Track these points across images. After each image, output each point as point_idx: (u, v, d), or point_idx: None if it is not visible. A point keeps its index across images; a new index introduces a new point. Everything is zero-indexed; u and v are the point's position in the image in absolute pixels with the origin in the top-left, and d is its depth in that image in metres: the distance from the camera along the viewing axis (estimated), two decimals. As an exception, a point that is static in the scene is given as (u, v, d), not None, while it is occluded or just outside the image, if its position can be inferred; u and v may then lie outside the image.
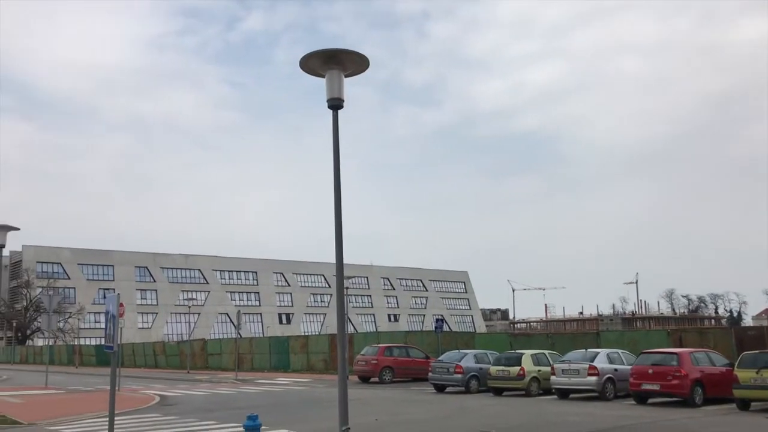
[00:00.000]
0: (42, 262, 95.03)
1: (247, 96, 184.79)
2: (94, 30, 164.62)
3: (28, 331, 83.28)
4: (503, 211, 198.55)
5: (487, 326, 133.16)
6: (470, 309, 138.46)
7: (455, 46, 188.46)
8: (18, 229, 19.16)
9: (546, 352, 24.40)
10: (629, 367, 19.99)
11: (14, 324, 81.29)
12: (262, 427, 7.09)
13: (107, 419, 9.23)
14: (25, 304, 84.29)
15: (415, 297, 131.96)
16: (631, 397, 19.61)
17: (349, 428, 6.53)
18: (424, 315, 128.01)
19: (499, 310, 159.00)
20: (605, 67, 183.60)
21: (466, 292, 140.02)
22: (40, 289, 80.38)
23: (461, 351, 26.56)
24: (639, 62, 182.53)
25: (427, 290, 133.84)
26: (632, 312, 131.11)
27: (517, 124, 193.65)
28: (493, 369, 23.31)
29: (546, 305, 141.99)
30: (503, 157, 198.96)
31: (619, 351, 22.38)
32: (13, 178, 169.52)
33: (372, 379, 29.74)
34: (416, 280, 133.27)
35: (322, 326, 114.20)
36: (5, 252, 19.83)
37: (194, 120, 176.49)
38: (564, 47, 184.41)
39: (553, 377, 21.39)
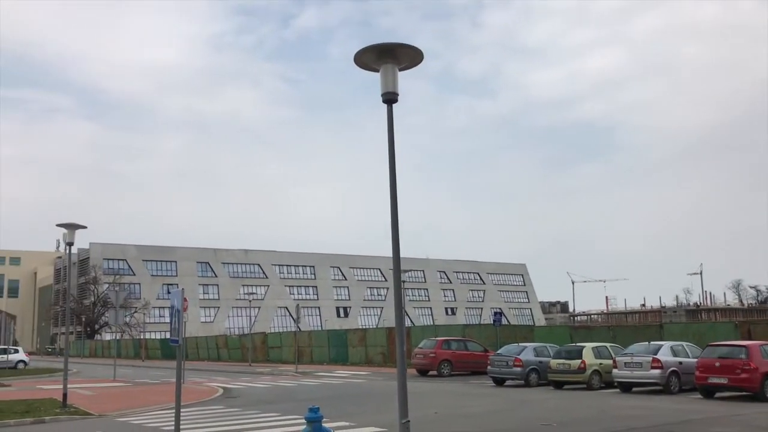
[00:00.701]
0: (108, 259, 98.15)
1: (303, 92, 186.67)
2: (154, 31, 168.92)
3: (96, 326, 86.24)
4: (561, 201, 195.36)
5: (546, 319, 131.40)
6: (529, 302, 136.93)
7: (510, 35, 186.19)
8: (85, 227, 19.77)
9: (607, 344, 23.97)
10: (694, 360, 19.45)
11: (83, 319, 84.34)
12: (323, 420, 7.17)
13: (174, 411, 9.49)
14: (93, 299, 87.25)
15: (472, 290, 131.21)
16: (697, 391, 19.09)
17: (408, 421, 6.55)
18: (481, 308, 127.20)
19: (558, 302, 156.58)
20: (665, 53, 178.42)
21: (524, 285, 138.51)
22: (107, 285, 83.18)
23: (520, 344, 26.34)
24: (700, 47, 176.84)
25: (484, 283, 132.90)
26: (697, 303, 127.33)
27: (575, 112, 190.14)
28: (554, 362, 23.02)
29: (607, 297, 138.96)
30: (561, 146, 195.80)
31: (684, 343, 21.80)
32: (80, 178, 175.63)
33: (430, 373, 29.75)
34: (473, 273, 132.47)
35: (379, 320, 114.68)
36: (73, 249, 20.52)
37: (252, 117, 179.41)
38: (622, 33, 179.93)
39: (615, 370, 21.00)
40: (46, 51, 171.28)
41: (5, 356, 46.77)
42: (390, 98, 7.32)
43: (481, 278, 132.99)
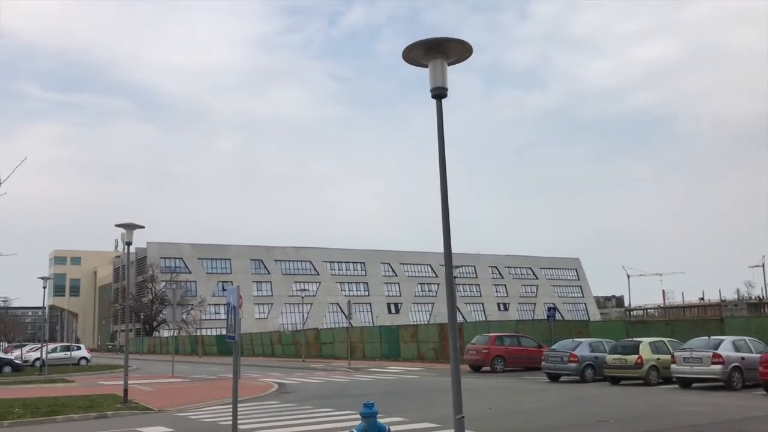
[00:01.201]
0: (165, 258, 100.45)
1: (351, 89, 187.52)
2: (207, 33, 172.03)
3: (155, 323, 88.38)
4: (615, 193, 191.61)
5: (601, 314, 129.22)
6: (583, 296, 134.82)
7: (559, 25, 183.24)
8: (143, 227, 20.27)
9: (665, 339, 23.46)
10: (758, 355, 18.85)
11: (142, 316, 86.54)
12: (378, 415, 7.21)
13: (230, 406, 9.67)
14: (150, 297, 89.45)
15: (525, 285, 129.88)
16: (761, 387, 18.49)
17: (463, 417, 6.52)
18: (534, 303, 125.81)
19: (613, 297, 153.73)
20: (718, 40, 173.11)
21: (578, 279, 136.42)
22: (164, 283, 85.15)
23: (575, 339, 25.99)
24: (754, 32, 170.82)
25: (537, 278, 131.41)
26: (759, 297, 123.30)
27: (628, 103, 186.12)
28: (610, 357, 22.64)
29: (664, 291, 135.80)
30: (613, 137, 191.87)
31: (746, 338, 21.16)
32: (136, 179, 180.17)
33: (483, 369, 29.59)
34: (526, 268, 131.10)
35: (430, 315, 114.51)
36: (131, 249, 21.07)
37: (301, 116, 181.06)
38: (674, 21, 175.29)
39: (673, 366, 20.52)
40: (102, 55, 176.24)
41: (68, 353, 48.34)
42: (439, 93, 7.28)
43: (533, 273, 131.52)
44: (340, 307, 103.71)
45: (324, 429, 13.02)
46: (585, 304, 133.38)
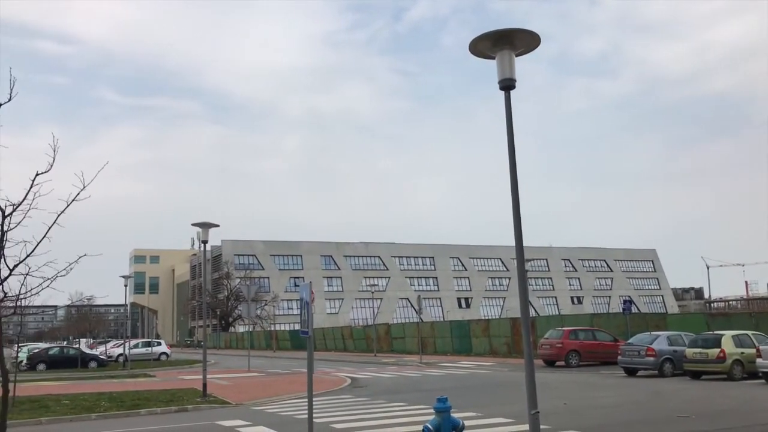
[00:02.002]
0: (239, 255, 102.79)
1: (416, 84, 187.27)
2: (273, 34, 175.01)
3: (230, 319, 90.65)
4: (693, 182, 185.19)
5: (679, 306, 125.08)
6: (660, 289, 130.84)
7: (630, 10, 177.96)
8: (218, 225, 20.82)
9: (749, 332, 22.52)
10: None
11: (218, 312, 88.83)
12: (451, 410, 7.20)
13: (305, 400, 9.84)
14: (226, 293, 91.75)
15: (599, 278, 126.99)
16: None
17: (538, 412, 6.44)
18: (609, 296, 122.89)
19: (692, 288, 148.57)
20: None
21: (654, 271, 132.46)
22: (239, 280, 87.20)
23: (653, 333, 25.29)
24: None
25: (611, 270, 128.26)
26: None
27: (705, 87, 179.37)
28: (689, 351, 21.91)
29: (746, 282, 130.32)
30: (691, 124, 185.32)
31: (838, 331, 20.12)
32: (209, 178, 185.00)
33: (557, 363, 29.13)
34: (600, 260, 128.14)
35: (501, 310, 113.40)
36: (207, 247, 21.67)
37: (367, 111, 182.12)
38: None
39: (759, 360, 19.68)
40: (175, 59, 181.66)
41: (149, 349, 50.12)
42: (507, 85, 7.20)
43: (608, 265, 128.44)
44: (409, 302, 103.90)
45: (398, 423, 13.08)
46: (662, 296, 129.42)
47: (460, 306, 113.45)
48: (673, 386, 19.48)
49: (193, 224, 20.91)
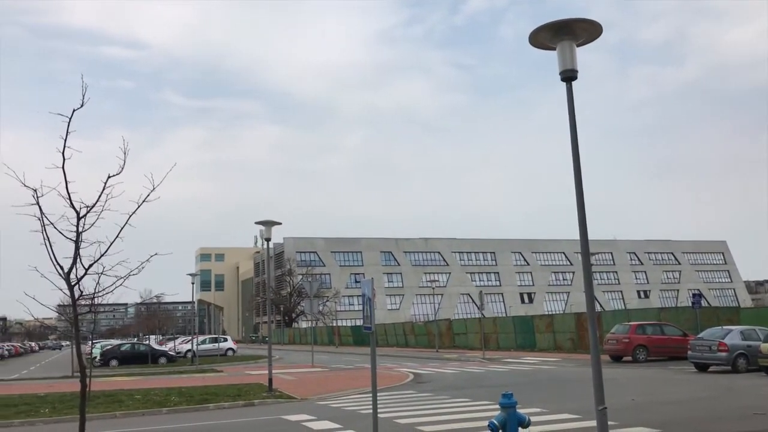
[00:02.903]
0: (300, 252, 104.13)
1: (474, 77, 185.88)
2: (330, 32, 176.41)
3: (293, 315, 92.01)
4: (763, 171, 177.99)
5: (753, 300, 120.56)
6: (731, 282, 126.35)
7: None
8: (280, 223, 21.17)
9: (830, 327, 21.54)
10: None
11: (281, 308, 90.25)
12: (516, 405, 7.14)
13: (369, 395, 9.92)
14: (289, 290, 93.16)
15: (666, 271, 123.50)
16: None
17: (605, 408, 6.34)
18: (677, 290, 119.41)
19: (766, 281, 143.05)
20: None
21: (725, 264, 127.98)
22: (301, 277, 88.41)
23: (724, 327, 24.46)
24: None
25: (679, 263, 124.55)
26: None
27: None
28: (765, 346, 21.08)
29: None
30: (760, 111, 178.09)
31: None
32: (270, 177, 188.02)
33: (624, 359, 28.52)
34: (667, 253, 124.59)
35: (566, 305, 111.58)
36: (270, 244, 22.05)
37: (425, 106, 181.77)
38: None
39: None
40: (236, 61, 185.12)
41: (216, 345, 51.32)
42: (569, 76, 7.09)
43: (675, 258, 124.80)
44: (471, 298, 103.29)
45: (461, 419, 13.05)
46: (734, 289, 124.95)
47: (522, 301, 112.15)
48: (747, 382, 18.81)
49: (257, 222, 21.32)
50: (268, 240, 21.46)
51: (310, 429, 12.84)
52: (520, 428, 6.94)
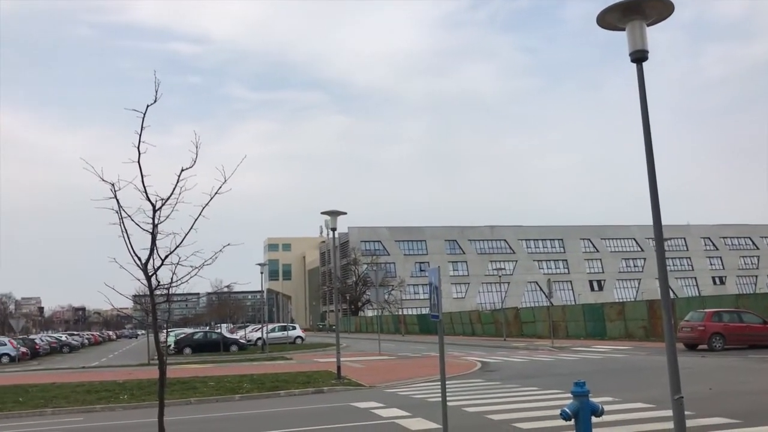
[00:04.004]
0: (365, 241, 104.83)
1: (539, 60, 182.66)
2: (392, 20, 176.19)
3: (359, 303, 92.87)
4: None
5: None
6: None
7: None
8: (345, 213, 21.37)
9: None
10: None
11: (347, 297, 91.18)
12: (589, 394, 7.02)
13: (437, 383, 9.92)
14: (354, 279, 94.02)
15: (743, 257, 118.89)
16: None
17: (682, 397, 6.17)
18: (756, 276, 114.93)
19: None
20: None
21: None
22: (366, 266, 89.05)
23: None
24: None
25: (758, 248, 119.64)
26: None
27: None
28: None
29: None
30: None
31: None
32: (334, 167, 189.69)
33: (699, 347, 27.65)
34: (744, 237, 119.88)
35: (637, 292, 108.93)
36: (335, 234, 22.28)
37: (489, 91, 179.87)
38: None
39: None
40: (299, 52, 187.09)
41: (285, 333, 52.31)
42: (639, 57, 6.89)
43: (753, 243, 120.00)
44: (538, 286, 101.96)
45: (531, 407, 12.93)
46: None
47: (592, 289, 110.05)
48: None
49: (323, 212, 21.57)
50: (333, 230, 21.69)
51: (379, 416, 12.95)
52: (593, 417, 6.83)
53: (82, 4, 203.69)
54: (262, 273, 42.19)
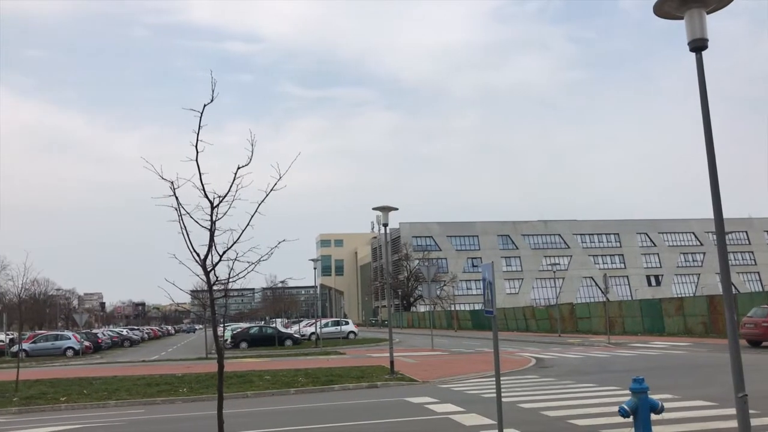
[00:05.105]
0: (416, 237, 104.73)
1: (593, 51, 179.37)
2: (440, 14, 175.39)
3: (411, 299, 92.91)
4: None
5: None
6: None
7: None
8: (397, 209, 21.42)
9: None
10: None
11: (399, 293, 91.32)
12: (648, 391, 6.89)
13: (491, 379, 9.88)
14: (406, 274, 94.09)
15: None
16: None
17: (746, 395, 6.00)
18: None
19: None
20: None
21: None
22: (417, 261, 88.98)
23: None
24: None
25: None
26: None
27: None
28: None
29: None
30: None
31: None
32: (385, 163, 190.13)
33: (764, 344, 26.77)
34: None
35: (696, 287, 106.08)
36: (387, 229, 22.33)
37: (541, 83, 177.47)
38: None
39: None
40: (348, 49, 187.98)
41: (338, 327, 52.74)
42: (698, 46, 6.70)
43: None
44: (594, 281, 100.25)
45: (587, 404, 12.74)
46: None
47: (649, 284, 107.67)
48: None
49: (374, 208, 21.67)
50: (385, 225, 21.75)
51: (433, 411, 12.95)
52: (652, 414, 6.70)
53: (139, 6, 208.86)
54: (315, 269, 42.60)
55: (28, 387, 20.18)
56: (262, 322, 77.60)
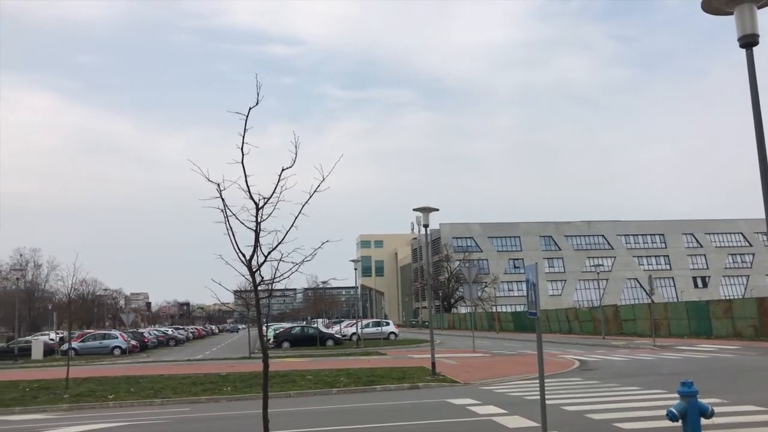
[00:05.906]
0: (456, 238, 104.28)
1: (637, 48, 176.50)
2: (480, 13, 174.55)
3: (452, 300, 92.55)
4: None
5: None
6: None
7: None
8: (437, 210, 21.38)
9: None
10: None
11: (440, 294, 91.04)
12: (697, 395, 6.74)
13: (534, 381, 9.79)
14: (447, 275, 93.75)
15: None
16: None
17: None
18: None
19: None
20: None
21: None
22: (458, 262, 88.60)
23: None
24: None
25: None
26: None
27: None
28: None
29: None
30: None
31: None
32: (426, 163, 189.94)
33: (816, 347, 26.04)
34: None
35: (745, 289, 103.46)
36: (427, 230, 22.30)
37: (584, 82, 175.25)
38: None
39: None
40: (387, 50, 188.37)
41: (379, 328, 52.85)
42: (749, 41, 6.58)
43: None
44: (638, 282, 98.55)
45: (633, 407, 12.53)
46: None
47: (695, 285, 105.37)
48: None
49: (415, 209, 21.68)
50: (426, 226, 21.73)
51: (476, 413, 12.90)
52: (702, 419, 6.56)
53: (181, 11, 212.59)
54: (355, 269, 42.78)
55: (78, 385, 20.71)
56: (304, 323, 78.22)
